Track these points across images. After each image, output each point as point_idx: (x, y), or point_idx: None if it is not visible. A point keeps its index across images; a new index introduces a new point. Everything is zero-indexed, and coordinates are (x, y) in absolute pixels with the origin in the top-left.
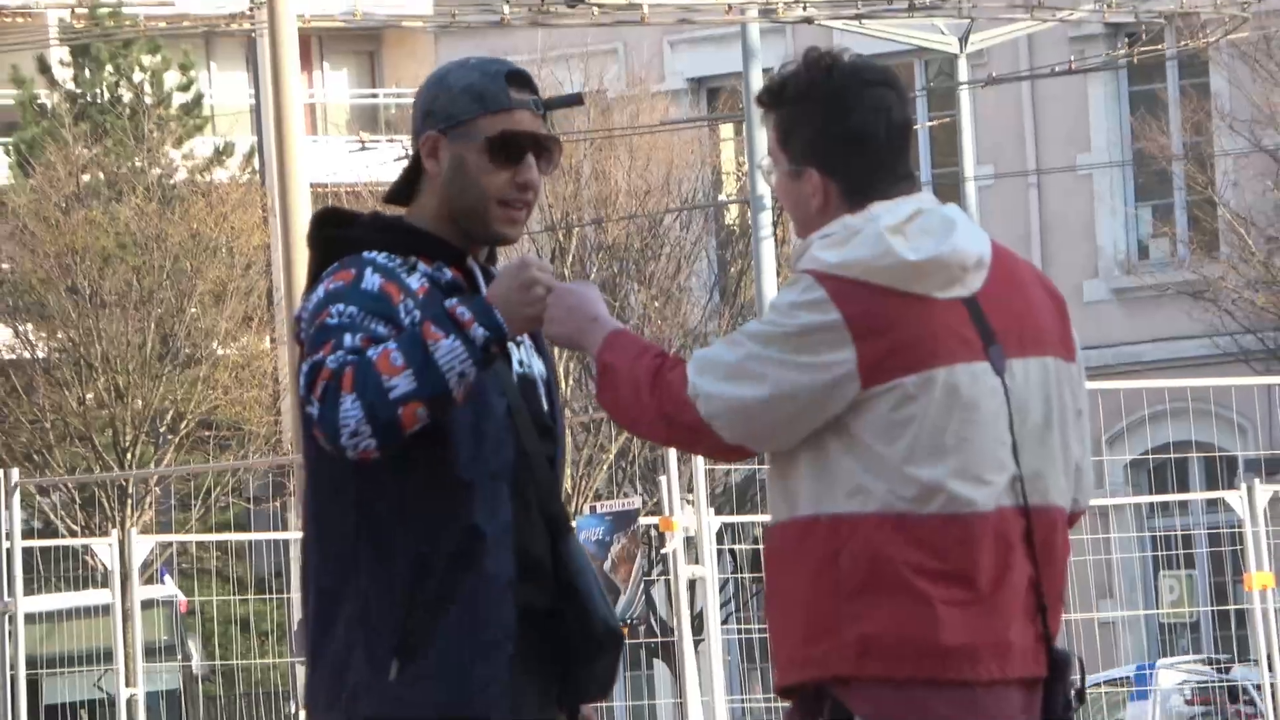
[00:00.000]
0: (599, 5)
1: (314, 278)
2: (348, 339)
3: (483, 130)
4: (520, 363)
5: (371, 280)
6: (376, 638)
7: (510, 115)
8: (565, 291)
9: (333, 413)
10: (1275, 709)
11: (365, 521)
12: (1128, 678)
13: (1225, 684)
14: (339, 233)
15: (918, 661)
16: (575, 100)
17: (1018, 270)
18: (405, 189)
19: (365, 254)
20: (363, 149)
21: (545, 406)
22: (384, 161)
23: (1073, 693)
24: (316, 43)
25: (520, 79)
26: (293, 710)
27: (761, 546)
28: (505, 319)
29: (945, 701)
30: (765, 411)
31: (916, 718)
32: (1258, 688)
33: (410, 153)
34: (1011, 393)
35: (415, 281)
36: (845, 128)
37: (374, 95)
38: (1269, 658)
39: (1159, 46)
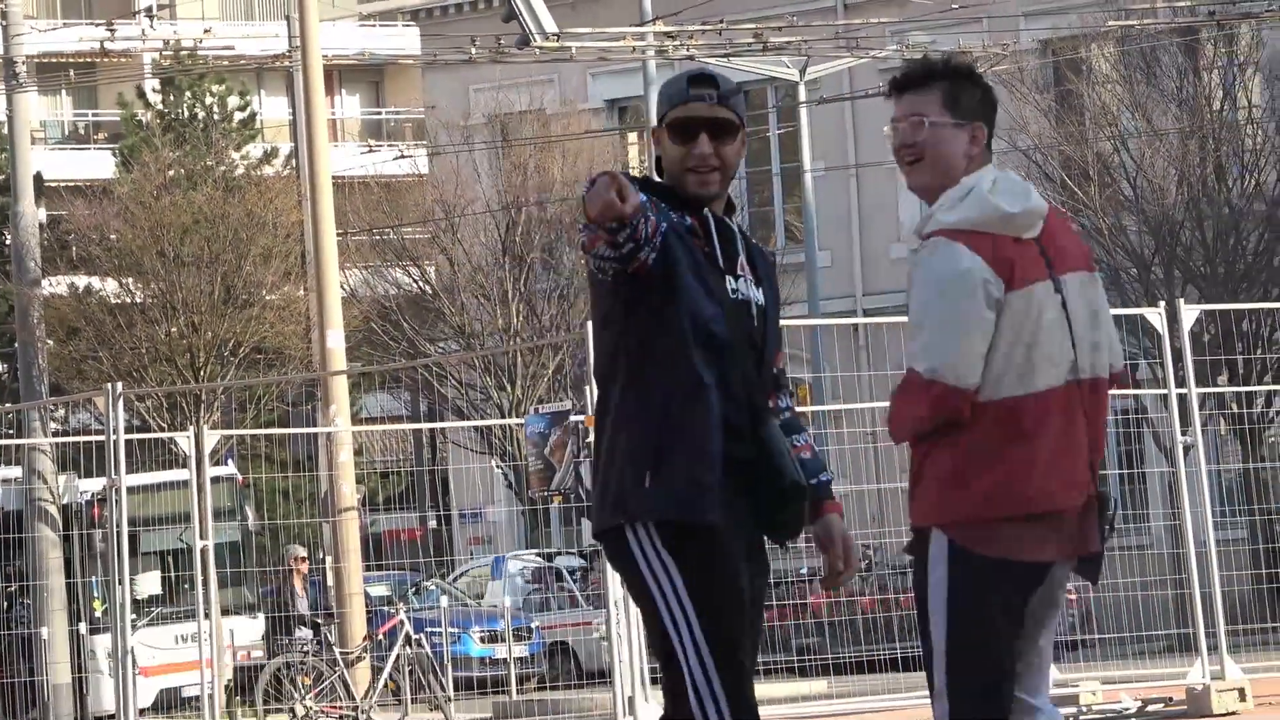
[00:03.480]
0: (540, 48)
1: None
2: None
3: (669, 119)
4: (733, 290)
5: (642, 195)
6: (638, 458)
7: (685, 106)
8: None
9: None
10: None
11: (631, 376)
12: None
13: (551, 568)
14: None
15: (1022, 502)
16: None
17: (1054, 217)
18: (659, 165)
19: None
20: (370, 151)
21: (755, 324)
22: (385, 160)
23: (1107, 525)
24: (336, 74)
25: (702, 79)
26: (321, 556)
27: None
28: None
29: (1034, 528)
30: (979, 340)
31: (1015, 542)
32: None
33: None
34: (1067, 300)
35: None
36: (989, 99)
37: (378, 113)
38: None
39: None
